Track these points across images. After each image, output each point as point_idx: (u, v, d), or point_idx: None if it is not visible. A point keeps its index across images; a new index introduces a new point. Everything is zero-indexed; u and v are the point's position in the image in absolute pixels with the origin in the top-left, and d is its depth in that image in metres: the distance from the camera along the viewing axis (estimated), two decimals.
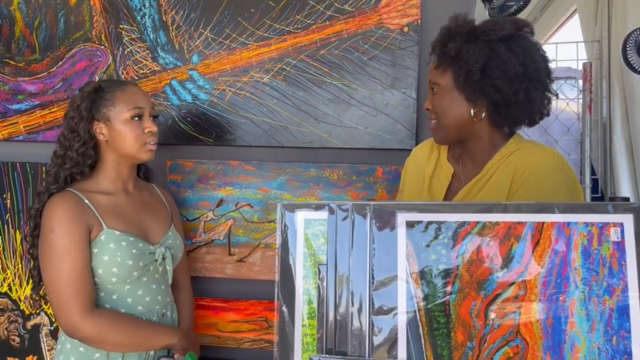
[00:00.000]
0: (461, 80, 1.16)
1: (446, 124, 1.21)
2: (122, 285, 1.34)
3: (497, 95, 1.14)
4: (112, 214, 1.35)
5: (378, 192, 1.63)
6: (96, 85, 1.39)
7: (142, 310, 1.37)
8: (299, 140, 1.67)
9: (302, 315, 0.82)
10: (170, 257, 1.42)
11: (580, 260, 0.75)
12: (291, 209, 0.84)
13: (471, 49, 1.13)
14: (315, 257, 0.83)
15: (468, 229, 0.78)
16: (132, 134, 1.36)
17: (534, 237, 0.77)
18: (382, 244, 0.79)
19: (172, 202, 1.59)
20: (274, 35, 1.67)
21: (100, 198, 1.36)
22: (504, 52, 1.12)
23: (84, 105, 1.36)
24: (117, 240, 1.32)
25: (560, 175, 1.11)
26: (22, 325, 1.82)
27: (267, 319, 1.68)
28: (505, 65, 1.12)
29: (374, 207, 0.80)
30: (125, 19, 1.74)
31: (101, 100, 1.37)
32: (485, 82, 1.14)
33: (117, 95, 1.37)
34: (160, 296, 1.42)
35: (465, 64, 1.14)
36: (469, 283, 0.77)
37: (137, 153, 1.38)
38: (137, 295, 1.36)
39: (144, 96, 1.42)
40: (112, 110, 1.36)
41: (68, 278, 1.25)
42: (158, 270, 1.41)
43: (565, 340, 0.74)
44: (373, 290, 0.78)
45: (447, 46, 1.16)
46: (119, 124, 1.36)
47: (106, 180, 1.40)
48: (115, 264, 1.31)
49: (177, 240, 1.48)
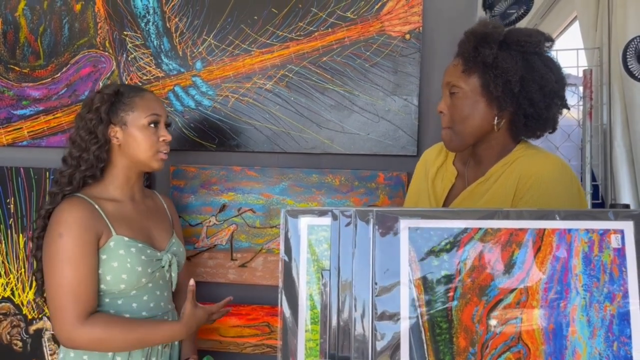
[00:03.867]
0: (494, 88, 1.13)
1: (464, 130, 1.18)
2: (129, 291, 1.34)
3: (531, 109, 1.14)
4: (120, 221, 1.35)
5: (380, 198, 1.63)
6: (116, 89, 1.39)
7: (146, 315, 1.36)
8: (301, 146, 1.68)
9: (305, 320, 0.83)
10: (176, 264, 1.43)
11: (581, 266, 0.76)
12: (295, 214, 0.84)
13: (508, 58, 1.12)
14: (319, 263, 0.84)
15: (470, 235, 0.79)
16: (148, 141, 1.37)
17: (535, 243, 0.77)
18: (385, 249, 0.80)
19: (173, 210, 1.59)
20: (276, 42, 1.68)
21: (108, 205, 1.35)
22: (540, 67, 1.12)
23: (103, 108, 1.35)
24: (127, 247, 1.31)
25: (565, 183, 1.11)
26: (25, 330, 1.82)
27: (269, 324, 1.69)
28: (542, 79, 1.12)
29: (377, 213, 0.81)
30: (129, 25, 1.76)
31: (120, 104, 1.37)
32: (522, 94, 1.13)
33: (136, 100, 1.37)
34: (163, 302, 1.42)
35: (503, 72, 1.12)
36: (471, 289, 0.77)
37: (149, 160, 1.38)
38: (143, 300, 1.36)
39: (160, 104, 1.43)
40: (130, 115, 1.36)
41: (68, 285, 1.24)
42: (164, 277, 1.42)
43: (566, 346, 0.75)
44: (376, 295, 0.79)
45: (480, 51, 1.13)
46: (135, 129, 1.36)
47: (114, 186, 1.39)
48: (125, 270, 1.30)
49: (180, 247, 1.49)
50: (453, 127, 1.19)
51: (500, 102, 1.15)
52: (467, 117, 1.17)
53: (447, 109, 1.20)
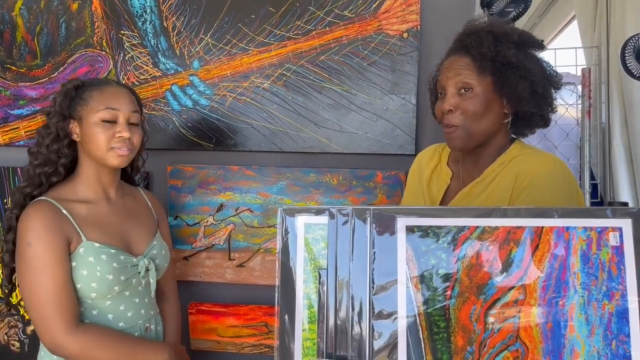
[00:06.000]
0: (522, 89, 1.12)
1: (476, 129, 1.16)
2: (102, 300, 1.27)
3: (546, 108, 1.15)
4: (92, 225, 1.28)
5: (378, 197, 1.63)
6: (78, 83, 1.33)
7: (124, 326, 1.30)
8: (299, 145, 1.67)
9: (303, 319, 0.82)
10: (154, 269, 1.36)
11: (579, 264, 0.76)
12: (292, 213, 0.84)
13: (528, 59, 1.12)
14: (316, 262, 0.83)
15: (467, 233, 0.78)
16: (101, 137, 1.27)
17: (533, 241, 0.77)
18: (382, 248, 0.79)
19: (159, 207, 1.52)
20: (274, 41, 1.67)
21: (79, 207, 1.28)
22: (550, 68, 1.13)
23: (59, 100, 1.30)
24: (97, 254, 1.25)
25: (562, 183, 1.11)
26: (22, 331, 1.81)
27: (267, 324, 1.68)
28: (552, 82, 1.14)
29: (374, 211, 0.80)
30: (126, 24, 1.75)
31: (78, 99, 1.30)
32: (543, 95, 1.14)
33: (93, 94, 1.29)
34: (143, 310, 1.35)
35: (526, 73, 1.11)
36: (469, 287, 0.77)
37: (104, 157, 1.28)
38: (119, 310, 1.30)
39: (123, 99, 1.31)
40: (85, 109, 1.29)
41: (49, 294, 1.18)
42: (141, 283, 1.35)
43: (564, 344, 0.74)
44: (373, 294, 0.78)
45: (500, 50, 1.12)
46: (89, 124, 1.28)
47: (84, 187, 1.32)
48: (95, 279, 1.23)
49: (162, 250, 1.41)
50: (464, 126, 1.15)
51: (521, 103, 1.14)
52: (480, 116, 1.15)
53: (456, 107, 1.16)
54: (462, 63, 1.16)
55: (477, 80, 1.14)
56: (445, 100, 1.17)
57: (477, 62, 1.14)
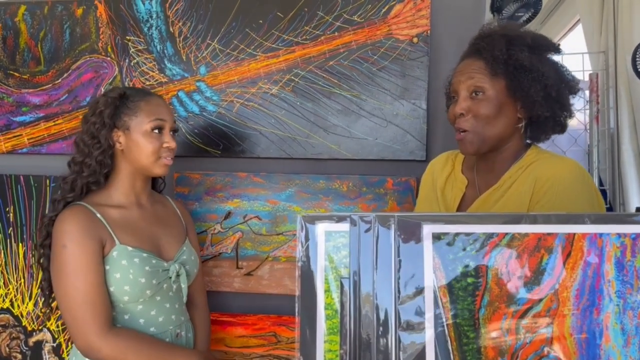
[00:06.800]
0: (535, 92, 1.10)
1: (488, 133, 1.14)
2: (134, 304, 1.29)
3: (562, 113, 1.13)
4: (124, 229, 1.30)
5: (388, 204, 1.61)
6: (121, 92, 1.35)
7: (155, 331, 1.31)
8: (307, 151, 1.65)
9: (324, 330, 0.80)
10: (185, 274, 1.38)
11: (613, 272, 0.73)
12: (311, 220, 0.81)
13: (542, 62, 1.10)
14: (337, 271, 0.80)
15: (496, 240, 0.76)
16: (150, 147, 1.32)
17: (565, 248, 0.74)
18: (408, 256, 0.77)
19: (188, 216, 1.55)
20: (282, 46, 1.65)
21: (112, 212, 1.31)
22: (567, 72, 1.11)
23: (107, 112, 1.32)
24: (130, 257, 1.27)
25: (583, 187, 1.08)
26: (25, 342, 1.78)
27: (275, 333, 1.65)
28: (569, 86, 1.12)
29: (399, 218, 0.78)
30: (132, 30, 1.73)
31: (124, 108, 1.33)
32: (557, 99, 1.12)
33: (140, 105, 1.33)
34: (174, 315, 1.37)
35: (540, 76, 1.09)
36: (499, 296, 0.74)
37: (151, 166, 1.34)
38: (150, 315, 1.31)
39: (167, 109, 1.38)
40: (133, 120, 1.32)
41: (83, 296, 1.20)
42: (172, 288, 1.37)
43: (600, 355, 0.71)
44: (399, 304, 0.76)
45: (512, 53, 1.11)
46: (138, 134, 1.32)
47: (119, 193, 1.35)
48: (128, 282, 1.26)
49: (192, 256, 1.44)
50: (475, 130, 1.14)
51: (535, 106, 1.12)
52: (493, 120, 1.13)
53: (468, 111, 1.14)
54: (475, 66, 1.15)
55: (489, 84, 1.12)
56: (457, 103, 1.16)
57: (489, 65, 1.13)
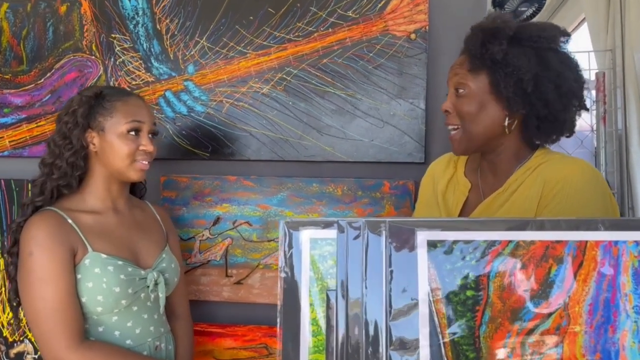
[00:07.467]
0: (504, 88, 1.06)
1: (473, 131, 1.10)
2: (109, 315, 1.22)
3: (545, 110, 1.06)
4: (98, 235, 1.24)
5: (385, 208, 1.55)
6: (98, 91, 1.30)
7: (132, 344, 1.24)
8: (300, 153, 1.60)
9: (309, 348, 0.72)
10: (164, 283, 1.31)
11: (631, 285, 0.65)
12: (295, 227, 0.74)
13: (520, 55, 1.04)
14: (323, 282, 0.74)
15: (499, 249, 0.68)
16: (125, 149, 1.26)
17: (576, 258, 0.67)
18: (400, 266, 0.69)
19: (169, 221, 1.49)
20: (273, 43, 1.60)
21: (85, 217, 1.25)
22: (557, 64, 1.04)
23: (81, 111, 1.26)
24: (103, 265, 1.20)
25: (596, 189, 1.02)
26: (5, 354, 1.71)
27: (267, 345, 1.59)
28: (558, 78, 1.04)
29: (390, 224, 0.70)
30: (117, 27, 1.67)
31: (99, 108, 1.27)
32: (535, 94, 1.05)
33: (117, 105, 1.27)
34: (152, 327, 1.30)
35: (515, 70, 1.04)
36: (502, 312, 0.67)
37: (125, 170, 1.28)
38: (126, 327, 1.24)
39: (146, 110, 1.32)
40: (108, 120, 1.26)
41: (52, 307, 1.14)
42: (150, 298, 1.30)
43: None
44: (390, 320, 0.68)
45: (488, 48, 1.06)
46: (113, 135, 1.26)
47: (93, 197, 1.29)
48: (101, 291, 1.19)
49: (172, 263, 1.37)
50: (462, 126, 1.11)
51: (510, 103, 1.07)
52: (475, 117, 1.10)
53: (452, 107, 1.12)
54: (459, 62, 1.13)
55: (471, 80, 1.09)
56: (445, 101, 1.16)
57: (469, 61, 1.10)
